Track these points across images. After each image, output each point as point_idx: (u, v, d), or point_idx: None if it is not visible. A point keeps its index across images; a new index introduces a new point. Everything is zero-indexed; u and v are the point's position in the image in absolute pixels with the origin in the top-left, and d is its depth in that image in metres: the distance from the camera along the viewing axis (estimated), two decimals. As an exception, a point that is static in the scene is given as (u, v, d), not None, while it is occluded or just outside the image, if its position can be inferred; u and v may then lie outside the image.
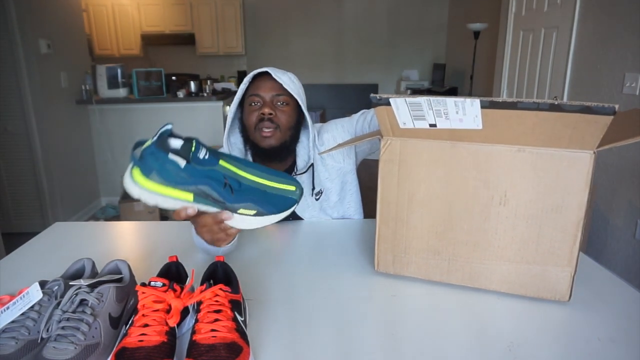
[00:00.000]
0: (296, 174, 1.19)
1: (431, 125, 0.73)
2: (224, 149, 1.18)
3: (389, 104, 0.72)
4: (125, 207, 3.29)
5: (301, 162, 1.19)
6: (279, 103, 1.12)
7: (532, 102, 0.64)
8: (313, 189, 1.20)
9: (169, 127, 0.65)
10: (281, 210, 0.70)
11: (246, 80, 1.13)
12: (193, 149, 0.64)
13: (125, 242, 1.09)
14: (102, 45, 5.54)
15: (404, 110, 0.72)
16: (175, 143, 0.64)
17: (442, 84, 5.12)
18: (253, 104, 1.12)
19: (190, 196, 0.65)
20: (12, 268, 0.93)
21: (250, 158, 1.19)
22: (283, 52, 5.74)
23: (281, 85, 1.10)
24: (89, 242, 1.07)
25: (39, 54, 3.03)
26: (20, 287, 0.73)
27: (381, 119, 0.76)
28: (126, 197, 3.38)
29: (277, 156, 1.16)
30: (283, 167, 1.20)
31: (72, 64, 3.46)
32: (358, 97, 5.75)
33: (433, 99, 0.69)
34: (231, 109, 1.17)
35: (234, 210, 0.68)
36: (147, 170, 0.62)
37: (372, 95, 0.73)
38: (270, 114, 1.10)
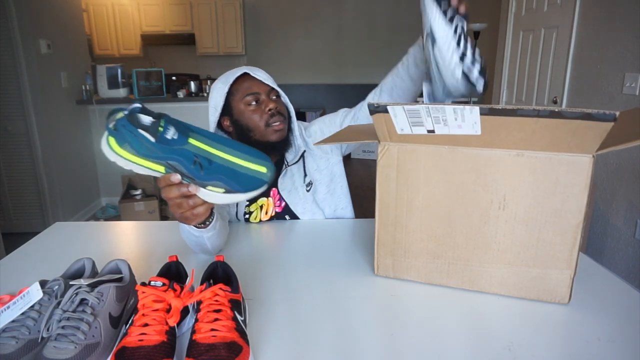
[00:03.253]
0: (287, 166, 1.19)
1: (429, 131, 0.73)
2: None
3: (386, 111, 0.72)
4: (125, 207, 3.30)
5: (290, 155, 1.20)
6: (274, 97, 1.13)
7: (532, 109, 0.64)
8: (305, 175, 1.20)
9: (138, 105, 0.66)
10: (249, 190, 0.70)
11: (226, 87, 1.10)
12: (161, 129, 0.65)
13: (125, 242, 1.09)
14: (102, 45, 5.54)
15: (402, 117, 0.72)
16: (145, 120, 0.65)
17: (442, 84, 5.12)
18: (252, 103, 1.11)
19: (162, 168, 0.68)
20: (12, 268, 0.93)
21: None
22: (283, 52, 5.75)
23: (262, 81, 1.11)
24: (89, 242, 1.08)
25: (39, 54, 3.04)
26: (20, 287, 0.73)
27: (378, 125, 0.76)
28: (126, 197, 3.38)
29: (283, 148, 1.16)
30: (275, 158, 1.18)
31: (72, 64, 3.46)
32: (358, 97, 5.74)
33: (432, 106, 0.69)
34: (213, 120, 1.14)
35: (203, 187, 0.69)
36: (120, 141, 0.65)
37: (369, 103, 0.73)
38: (276, 107, 1.11)
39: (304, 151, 1.21)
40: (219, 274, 0.75)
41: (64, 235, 1.12)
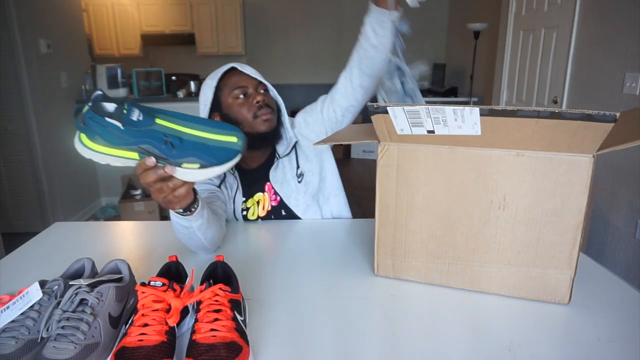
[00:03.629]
0: (279, 158, 1.20)
1: (429, 132, 0.73)
2: None
3: (386, 112, 0.72)
4: (125, 207, 3.30)
5: (281, 147, 1.21)
6: (261, 91, 1.14)
7: (532, 110, 0.64)
8: (298, 167, 1.21)
9: (99, 92, 0.65)
10: (225, 162, 0.70)
11: (214, 82, 1.12)
12: (125, 111, 0.65)
13: (125, 242, 1.09)
14: (102, 45, 5.54)
15: (402, 118, 0.72)
16: (109, 107, 0.64)
17: (442, 84, 5.12)
18: (240, 97, 1.12)
19: (135, 155, 0.68)
20: (12, 268, 0.93)
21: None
22: (283, 52, 5.75)
23: (250, 75, 1.12)
24: (89, 242, 1.08)
25: (39, 54, 3.04)
26: (20, 287, 0.73)
27: (378, 125, 0.76)
28: (126, 197, 3.38)
29: (273, 139, 1.17)
30: (267, 152, 1.21)
31: (72, 64, 3.46)
32: (358, 97, 5.75)
33: (432, 107, 0.69)
34: (203, 115, 1.15)
35: (178, 165, 0.69)
36: (91, 135, 0.66)
37: (369, 103, 0.73)
38: (264, 99, 1.12)
39: (296, 142, 1.22)
40: (219, 274, 0.75)
41: (63, 235, 1.12)
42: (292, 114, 1.31)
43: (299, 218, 1.21)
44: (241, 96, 1.12)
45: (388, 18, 1.09)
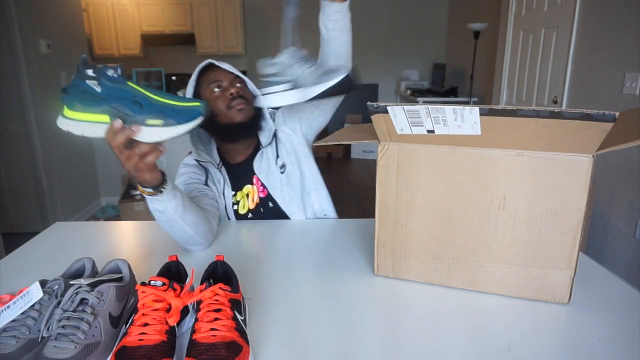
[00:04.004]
0: (262, 147, 1.23)
1: (429, 132, 0.73)
2: (192, 145, 1.22)
3: (386, 111, 0.72)
4: (125, 207, 3.30)
5: (264, 137, 1.24)
6: (237, 84, 1.17)
7: (531, 109, 0.64)
8: (277, 157, 1.24)
9: (83, 55, 0.77)
10: (188, 121, 0.76)
11: (194, 77, 1.17)
12: (100, 66, 0.75)
13: (125, 242, 1.09)
14: (102, 45, 5.54)
15: (402, 117, 0.72)
16: (90, 69, 0.74)
17: (442, 84, 5.12)
18: (215, 90, 1.15)
19: (106, 117, 0.75)
20: (13, 268, 0.93)
21: (217, 155, 1.24)
22: (283, 52, 5.74)
23: (227, 70, 1.16)
24: (89, 242, 1.08)
25: (39, 54, 3.04)
26: (20, 287, 0.73)
27: (378, 125, 0.76)
28: (126, 197, 3.38)
29: (251, 129, 1.20)
30: (251, 145, 1.24)
31: (72, 64, 3.46)
32: (358, 97, 5.75)
33: (431, 107, 0.69)
34: None
35: (143, 122, 0.75)
36: (71, 104, 0.75)
37: (369, 103, 0.73)
38: (238, 91, 1.15)
39: (275, 130, 1.25)
40: (219, 273, 0.75)
41: (64, 235, 1.12)
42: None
43: (284, 211, 1.23)
44: (216, 89, 1.15)
45: (335, 10, 1.13)
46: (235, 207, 1.23)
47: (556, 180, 0.70)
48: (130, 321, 0.62)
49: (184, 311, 0.66)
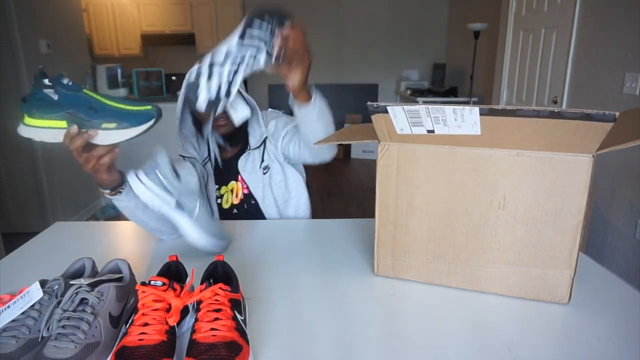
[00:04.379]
0: (250, 150, 1.27)
1: (429, 132, 0.73)
2: (179, 141, 1.29)
3: (386, 111, 0.72)
4: (125, 207, 3.29)
5: (253, 139, 1.27)
6: None
7: (531, 109, 0.64)
8: (262, 161, 1.27)
9: (40, 66, 0.84)
10: (141, 123, 0.81)
11: (185, 83, 1.17)
12: (57, 76, 0.80)
13: (125, 242, 1.09)
14: (102, 45, 5.54)
15: (402, 117, 0.72)
16: (46, 79, 0.79)
17: (442, 84, 5.13)
18: None
19: (64, 123, 0.80)
20: (13, 268, 0.93)
21: (205, 149, 1.29)
22: (283, 52, 5.74)
23: None
24: (89, 242, 1.08)
25: (39, 54, 3.04)
26: (20, 287, 0.73)
27: (378, 125, 0.76)
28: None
29: (234, 139, 1.26)
30: (239, 146, 1.29)
31: (72, 64, 3.46)
32: (358, 97, 5.76)
33: (431, 107, 0.69)
34: (178, 106, 1.23)
35: (99, 126, 0.80)
36: (30, 111, 0.80)
37: (369, 103, 0.73)
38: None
39: (266, 137, 1.28)
40: (219, 273, 0.75)
41: (64, 235, 1.12)
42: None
43: (261, 211, 1.27)
44: None
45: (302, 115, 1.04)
46: (219, 200, 1.28)
47: (556, 180, 0.70)
48: (130, 321, 0.62)
49: (184, 311, 0.66)
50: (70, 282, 0.67)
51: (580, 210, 0.70)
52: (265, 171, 1.27)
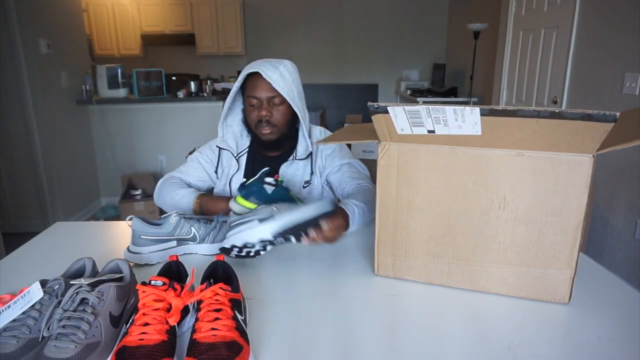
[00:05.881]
0: (295, 159, 1.26)
1: (429, 132, 0.73)
2: (219, 133, 1.29)
3: (386, 111, 0.72)
4: (125, 207, 3.30)
5: (301, 148, 1.26)
6: (274, 103, 1.18)
7: (532, 110, 0.64)
8: (312, 173, 1.26)
9: (268, 168, 1.09)
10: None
11: (240, 78, 1.19)
12: (281, 180, 1.06)
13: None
14: (102, 45, 5.53)
15: (402, 118, 0.72)
16: (269, 179, 1.04)
17: (442, 84, 5.12)
18: (251, 104, 1.20)
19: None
20: (13, 268, 0.93)
21: (247, 141, 1.31)
22: (283, 52, 5.74)
23: (270, 83, 1.14)
24: (89, 242, 1.08)
25: (39, 54, 3.04)
26: (21, 287, 0.73)
27: (379, 125, 0.76)
28: (126, 197, 3.38)
29: (276, 147, 1.27)
30: (282, 153, 1.29)
31: (72, 64, 3.46)
32: (358, 97, 5.75)
33: (432, 107, 0.69)
34: (229, 98, 1.24)
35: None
36: (247, 196, 1.02)
37: (369, 103, 0.73)
38: (267, 115, 1.18)
39: (311, 152, 1.26)
40: (219, 273, 0.75)
41: (64, 235, 1.12)
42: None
43: None
44: (251, 104, 1.20)
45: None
46: None
47: (556, 180, 0.70)
48: (130, 321, 0.62)
49: (185, 311, 0.66)
50: (71, 282, 0.67)
51: (580, 209, 0.70)
52: (306, 185, 1.26)
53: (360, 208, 1.04)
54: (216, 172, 1.31)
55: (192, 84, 3.79)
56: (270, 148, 1.27)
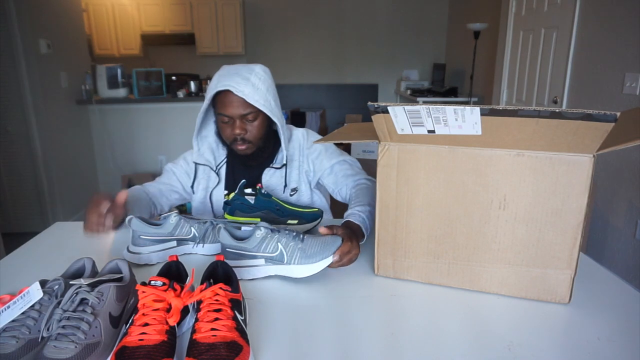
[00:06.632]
0: (273, 167, 1.25)
1: (430, 132, 0.73)
2: (194, 147, 1.26)
3: (386, 111, 0.72)
4: (125, 207, 3.29)
5: (280, 156, 1.25)
6: (248, 120, 1.14)
7: (532, 109, 0.64)
8: (285, 185, 1.25)
9: (243, 181, 1.11)
10: (310, 221, 1.07)
11: (209, 95, 1.14)
12: (258, 188, 1.09)
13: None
14: (102, 45, 5.54)
15: (402, 117, 0.72)
16: (249, 190, 1.08)
17: (442, 84, 5.12)
18: (223, 122, 1.15)
19: (257, 219, 1.06)
20: (13, 268, 0.93)
21: (224, 152, 1.28)
22: (283, 52, 5.74)
23: (243, 100, 1.09)
24: (89, 242, 1.07)
25: (39, 54, 3.04)
26: (20, 287, 0.73)
27: (379, 125, 0.76)
28: (126, 197, 3.37)
29: (254, 159, 1.23)
30: (260, 164, 1.26)
31: (72, 64, 3.46)
32: (358, 97, 5.75)
33: (432, 107, 0.69)
34: (200, 114, 1.20)
35: (285, 222, 1.05)
36: (232, 211, 1.08)
37: (369, 103, 0.73)
38: (241, 133, 1.14)
39: (285, 164, 1.25)
40: (219, 273, 0.75)
41: (64, 235, 1.12)
42: (292, 114, 1.32)
43: None
44: (223, 122, 1.15)
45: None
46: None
47: (556, 180, 0.70)
48: (130, 321, 0.62)
49: (184, 311, 0.66)
50: (70, 282, 0.67)
51: (580, 209, 0.70)
52: (292, 193, 1.25)
53: (367, 212, 1.02)
54: (192, 186, 1.28)
55: (192, 84, 3.80)
56: (248, 159, 1.23)
